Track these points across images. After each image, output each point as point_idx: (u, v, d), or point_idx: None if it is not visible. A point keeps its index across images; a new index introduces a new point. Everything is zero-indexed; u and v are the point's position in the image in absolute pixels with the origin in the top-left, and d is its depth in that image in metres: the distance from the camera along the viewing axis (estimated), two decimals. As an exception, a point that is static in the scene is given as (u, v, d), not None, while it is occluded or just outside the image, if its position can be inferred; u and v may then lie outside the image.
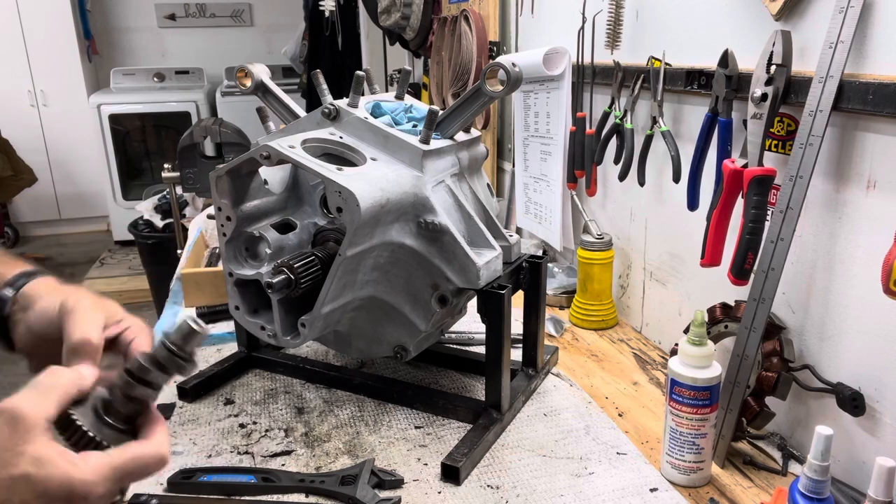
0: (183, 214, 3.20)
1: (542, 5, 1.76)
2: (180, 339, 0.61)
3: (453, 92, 2.20)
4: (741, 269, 0.98)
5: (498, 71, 0.99)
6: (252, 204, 1.04)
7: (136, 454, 0.57)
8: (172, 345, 0.60)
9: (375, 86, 1.18)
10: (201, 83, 5.48)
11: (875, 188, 0.87)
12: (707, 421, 0.91)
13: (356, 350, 1.13)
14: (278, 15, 5.99)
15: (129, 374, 0.60)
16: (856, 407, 0.88)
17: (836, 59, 0.85)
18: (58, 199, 5.50)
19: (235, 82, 1.16)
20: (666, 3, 1.24)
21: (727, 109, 1.05)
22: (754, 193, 0.95)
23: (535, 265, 1.13)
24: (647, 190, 1.34)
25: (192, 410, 1.12)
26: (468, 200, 1.07)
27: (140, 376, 0.60)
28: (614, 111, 1.38)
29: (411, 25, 2.54)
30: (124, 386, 0.60)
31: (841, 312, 0.93)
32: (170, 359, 0.60)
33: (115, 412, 0.60)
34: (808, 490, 0.69)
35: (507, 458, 0.99)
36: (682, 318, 1.29)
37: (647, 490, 0.92)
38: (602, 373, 1.27)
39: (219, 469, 0.95)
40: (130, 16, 5.87)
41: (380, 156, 1.01)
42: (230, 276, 1.02)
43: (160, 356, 0.60)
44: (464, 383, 1.21)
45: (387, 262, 0.99)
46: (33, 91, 5.18)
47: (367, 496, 0.88)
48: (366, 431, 1.06)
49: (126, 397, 0.60)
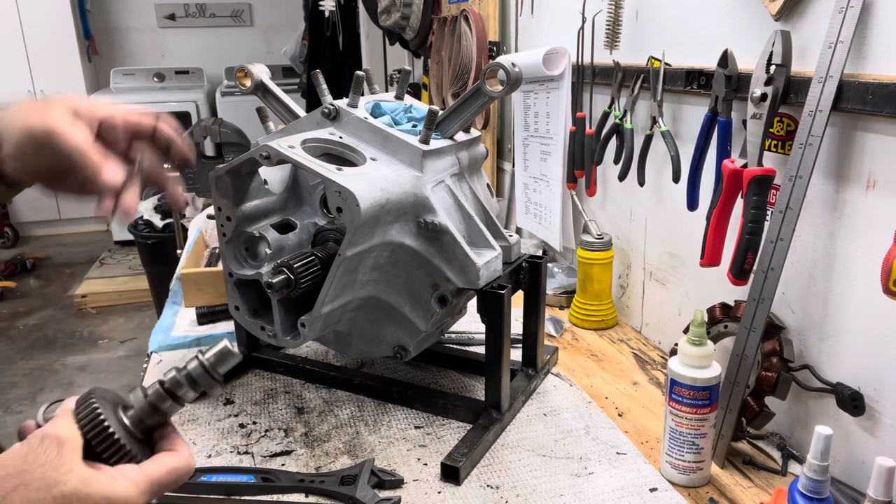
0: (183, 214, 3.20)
1: (542, 5, 1.76)
2: (217, 359, 0.61)
3: (453, 92, 2.20)
4: (741, 269, 0.98)
5: (498, 71, 0.99)
6: (252, 204, 1.04)
7: (171, 467, 0.59)
8: (210, 364, 0.61)
9: (375, 86, 1.18)
10: (201, 83, 5.48)
11: (875, 188, 0.87)
12: (707, 421, 0.91)
13: (356, 350, 1.13)
14: (278, 15, 5.99)
15: (163, 386, 0.60)
16: (855, 407, 0.88)
17: (835, 59, 0.86)
18: (58, 199, 5.50)
19: (235, 82, 1.16)
20: (666, 3, 1.24)
21: (727, 109, 1.05)
22: (754, 193, 0.95)
23: (535, 265, 1.13)
24: (646, 190, 1.34)
25: (192, 410, 1.12)
26: (468, 200, 1.07)
27: (173, 391, 0.60)
28: (614, 111, 1.38)
29: (411, 25, 2.54)
30: (156, 399, 0.60)
31: (840, 312, 0.93)
32: (204, 377, 0.61)
33: (142, 424, 0.60)
34: (808, 490, 0.69)
35: (507, 458, 0.99)
36: (681, 318, 1.29)
37: (647, 490, 0.92)
38: (602, 373, 1.27)
39: (219, 469, 0.95)
40: (130, 16, 5.87)
41: (380, 156, 1.01)
42: (230, 276, 1.02)
43: (195, 374, 0.61)
44: (464, 383, 1.21)
45: (387, 262, 0.99)
46: (33, 91, 5.17)
47: (367, 496, 0.88)
48: (366, 431, 1.06)
49: (154, 410, 0.60)
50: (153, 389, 0.61)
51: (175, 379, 0.61)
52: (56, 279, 4.74)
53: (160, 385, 0.61)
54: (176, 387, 0.61)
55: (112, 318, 4.12)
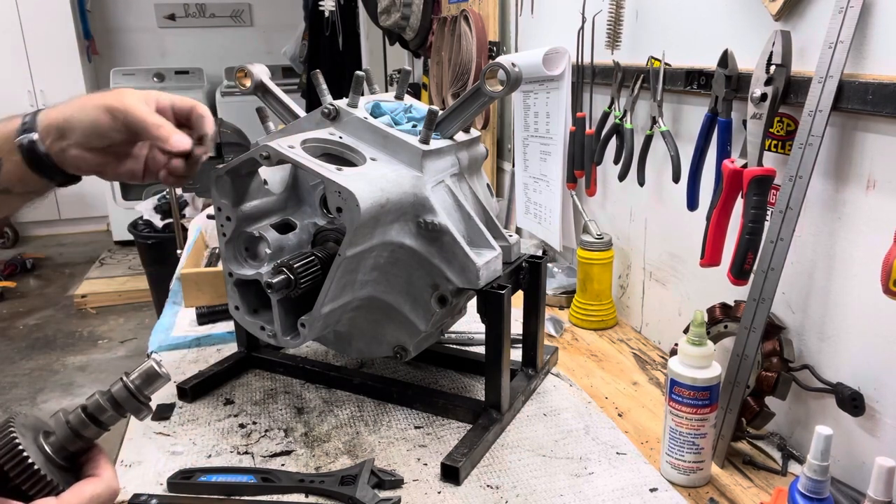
0: (183, 214, 3.20)
1: (542, 5, 1.76)
2: (143, 381, 0.59)
3: (453, 92, 2.20)
4: (741, 269, 0.98)
5: (498, 71, 0.99)
6: (252, 204, 1.04)
7: (91, 494, 0.56)
8: (134, 386, 0.59)
9: (375, 86, 1.18)
10: (201, 83, 5.48)
11: (875, 188, 0.87)
12: (707, 421, 0.91)
13: (356, 350, 1.13)
14: (278, 15, 6.00)
15: (85, 412, 0.58)
16: (855, 407, 0.88)
17: (835, 59, 0.86)
18: (58, 200, 5.50)
19: (235, 82, 1.16)
20: (666, 3, 1.24)
21: (727, 109, 1.05)
22: (754, 193, 0.95)
23: (535, 265, 1.13)
24: (646, 190, 1.34)
25: (192, 410, 1.12)
26: (468, 200, 1.07)
27: (96, 416, 0.58)
28: (614, 111, 1.38)
29: (411, 25, 2.54)
30: (78, 424, 0.58)
31: (841, 312, 0.93)
32: (129, 400, 0.59)
33: (64, 451, 0.57)
34: (808, 490, 0.69)
35: (507, 458, 0.99)
36: (681, 318, 1.29)
37: (647, 490, 0.92)
38: (602, 373, 1.27)
39: (219, 469, 0.95)
40: (130, 16, 5.87)
41: (379, 156, 1.01)
42: (230, 276, 1.02)
43: (119, 397, 0.59)
44: (464, 383, 1.21)
45: (386, 262, 0.99)
46: (33, 91, 5.18)
47: (367, 496, 0.88)
48: (365, 431, 1.06)
49: (76, 435, 0.58)
50: (75, 414, 0.58)
51: (97, 403, 0.58)
52: (56, 279, 4.75)
53: (82, 410, 0.58)
54: (98, 411, 0.58)
55: (112, 318, 4.12)
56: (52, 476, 0.55)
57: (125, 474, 0.95)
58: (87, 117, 0.78)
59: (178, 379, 1.18)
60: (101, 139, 0.80)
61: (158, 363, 0.61)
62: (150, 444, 1.03)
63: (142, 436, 1.05)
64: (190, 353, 1.33)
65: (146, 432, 1.06)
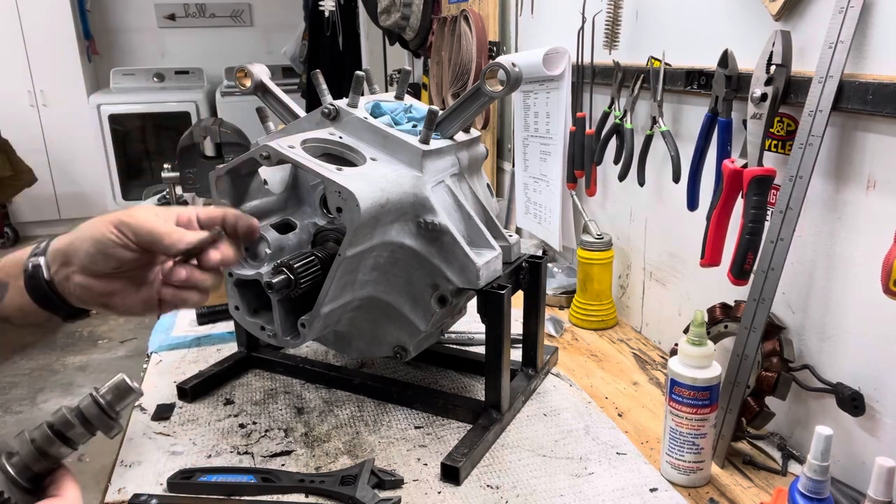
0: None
1: (542, 5, 1.76)
2: (113, 396, 0.56)
3: (453, 92, 2.20)
4: (741, 269, 0.98)
5: (498, 71, 0.99)
6: (252, 204, 1.04)
7: None
8: (104, 402, 0.56)
9: (375, 86, 1.18)
10: (201, 83, 5.48)
11: (875, 188, 0.87)
12: (707, 421, 0.91)
13: (356, 350, 1.13)
14: (278, 15, 5.99)
15: (51, 429, 0.55)
16: (855, 407, 0.88)
17: (835, 59, 0.86)
18: (58, 199, 5.49)
19: (235, 82, 1.16)
20: (665, 3, 1.24)
21: (727, 109, 1.05)
22: (754, 193, 0.95)
23: (535, 265, 1.13)
24: (646, 190, 1.34)
25: (192, 410, 1.12)
26: (468, 200, 1.07)
27: (62, 432, 0.55)
28: (614, 111, 1.38)
29: (411, 25, 2.54)
30: (43, 442, 0.54)
31: (841, 312, 0.93)
32: (98, 416, 0.55)
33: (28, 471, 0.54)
34: (808, 490, 0.69)
35: (507, 458, 0.99)
36: (681, 318, 1.29)
37: (647, 490, 0.92)
38: (602, 373, 1.27)
39: (219, 469, 0.95)
40: (130, 16, 5.86)
41: (379, 156, 1.01)
42: (230, 276, 1.02)
43: (89, 413, 0.55)
44: (464, 383, 1.21)
45: (386, 262, 0.99)
46: (33, 91, 5.17)
47: (367, 496, 0.88)
48: (366, 431, 1.06)
49: (42, 454, 0.54)
50: (40, 431, 0.55)
51: (64, 419, 0.55)
52: (56, 279, 4.74)
53: (48, 427, 0.55)
54: (66, 427, 0.55)
55: (112, 317, 4.12)
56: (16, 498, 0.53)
57: (125, 474, 0.96)
58: (91, 236, 0.71)
59: (178, 379, 1.18)
60: (106, 260, 0.70)
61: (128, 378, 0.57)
62: (150, 444, 1.03)
63: (142, 436, 1.05)
64: (190, 353, 1.33)
65: (146, 432, 1.06)
